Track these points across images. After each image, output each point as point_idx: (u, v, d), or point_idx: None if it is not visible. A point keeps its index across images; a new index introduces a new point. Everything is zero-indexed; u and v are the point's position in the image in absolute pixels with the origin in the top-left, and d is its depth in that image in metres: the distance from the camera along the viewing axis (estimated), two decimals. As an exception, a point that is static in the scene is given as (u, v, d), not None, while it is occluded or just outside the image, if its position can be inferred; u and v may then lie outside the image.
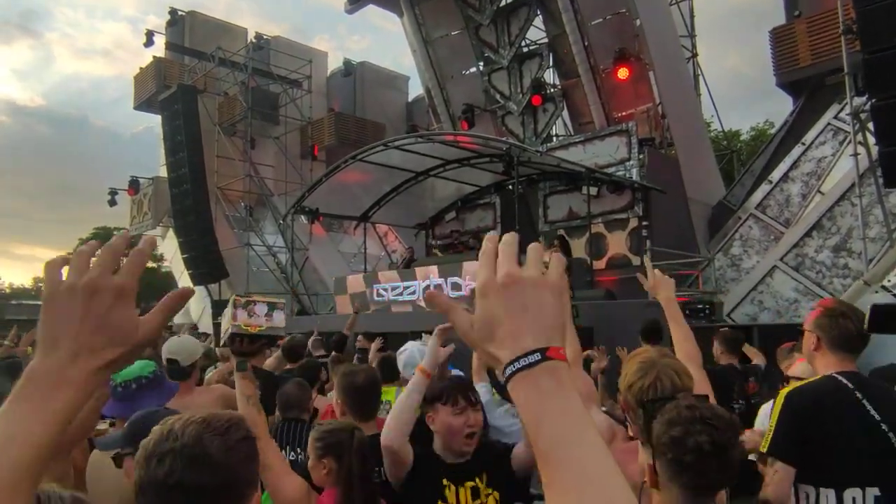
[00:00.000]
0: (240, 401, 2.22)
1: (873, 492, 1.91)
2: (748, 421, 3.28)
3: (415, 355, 3.21)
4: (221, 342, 2.54)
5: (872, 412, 1.97)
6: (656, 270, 2.39)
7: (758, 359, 4.54)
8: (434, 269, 10.01)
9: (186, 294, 0.82)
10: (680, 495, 1.40)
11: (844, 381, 2.05)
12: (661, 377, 1.67)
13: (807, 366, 2.70)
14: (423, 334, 5.28)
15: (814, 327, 2.18)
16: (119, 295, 0.72)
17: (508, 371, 0.66)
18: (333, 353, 5.48)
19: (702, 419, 1.39)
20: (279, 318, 2.11)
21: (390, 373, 3.57)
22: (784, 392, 2.15)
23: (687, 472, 1.37)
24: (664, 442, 1.40)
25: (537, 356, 0.65)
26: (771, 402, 3.33)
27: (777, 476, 2.00)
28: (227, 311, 2.12)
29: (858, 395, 2.01)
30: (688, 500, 1.40)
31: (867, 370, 3.51)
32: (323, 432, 2.12)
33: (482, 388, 2.91)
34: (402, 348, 3.41)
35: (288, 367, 4.58)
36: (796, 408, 2.04)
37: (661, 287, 2.33)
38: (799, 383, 2.17)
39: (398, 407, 2.09)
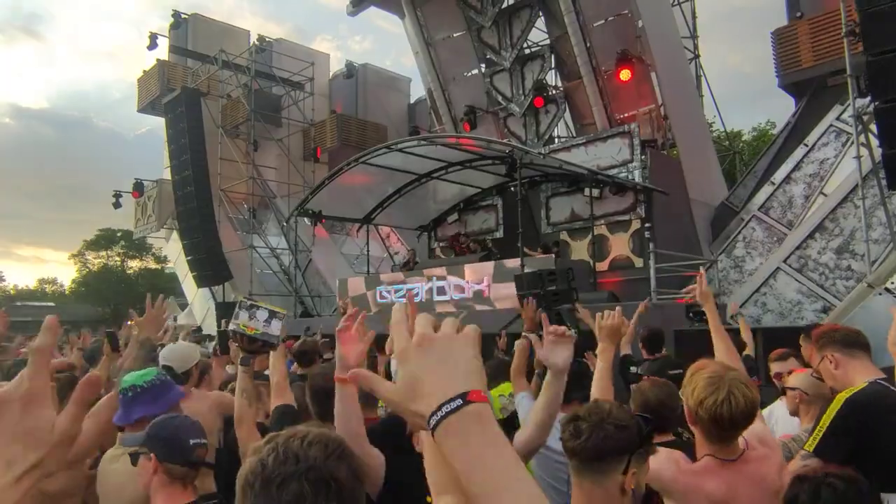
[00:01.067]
0: (237, 392, 2.38)
1: None
2: None
3: None
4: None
5: None
6: (703, 281, 2.53)
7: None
8: (436, 270, 10.03)
9: (96, 383, 0.83)
10: (580, 477, 1.52)
11: (891, 387, 2.05)
12: (734, 391, 1.71)
13: (805, 377, 2.71)
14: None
15: (822, 350, 2.19)
16: (28, 401, 0.73)
17: (433, 421, 0.66)
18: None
19: (590, 409, 1.56)
20: (276, 327, 2.25)
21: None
22: (843, 397, 2.10)
23: (569, 441, 1.52)
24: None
25: (459, 401, 0.66)
26: (772, 406, 3.34)
27: None
28: (236, 309, 2.28)
29: None
30: (582, 473, 1.50)
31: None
32: None
33: (524, 399, 2.72)
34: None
35: (299, 372, 4.47)
36: (855, 414, 2.00)
37: (708, 297, 2.46)
38: (855, 389, 2.10)
39: (337, 419, 1.85)
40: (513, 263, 8.85)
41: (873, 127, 6.80)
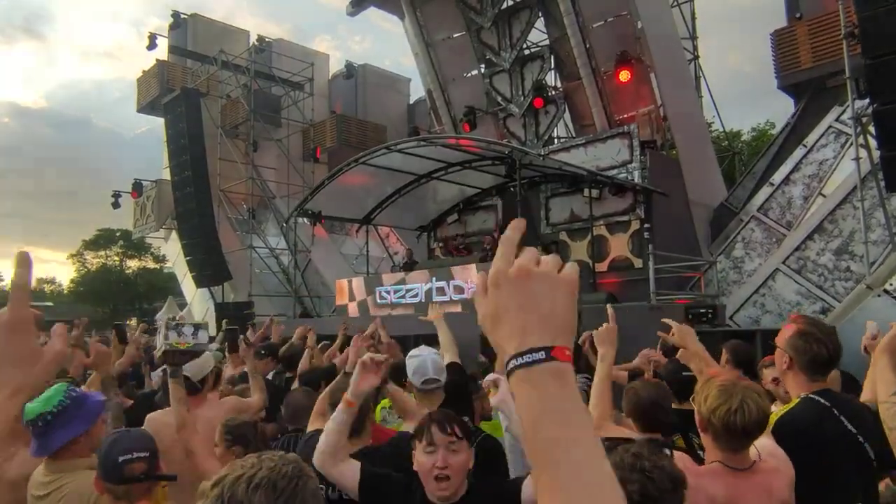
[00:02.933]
0: (172, 403, 2.60)
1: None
2: None
3: (426, 364, 2.86)
4: (156, 358, 3.02)
5: (848, 425, 2.05)
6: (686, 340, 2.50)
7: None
8: (436, 271, 10.03)
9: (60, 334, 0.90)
10: None
11: (823, 401, 2.11)
12: (747, 400, 1.75)
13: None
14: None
15: (787, 347, 2.19)
16: (12, 328, 0.79)
17: (511, 365, 0.64)
18: None
19: (640, 469, 1.44)
20: (203, 337, 2.59)
21: (395, 377, 3.31)
22: (773, 419, 2.14)
23: None
24: None
25: (542, 355, 0.63)
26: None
27: None
28: (160, 332, 2.58)
29: (836, 411, 2.08)
30: None
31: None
32: (231, 427, 2.54)
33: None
34: (414, 352, 3.01)
35: (287, 375, 4.55)
36: (785, 436, 2.05)
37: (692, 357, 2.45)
38: (784, 409, 2.17)
39: (325, 433, 2.05)
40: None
41: (872, 128, 6.82)
